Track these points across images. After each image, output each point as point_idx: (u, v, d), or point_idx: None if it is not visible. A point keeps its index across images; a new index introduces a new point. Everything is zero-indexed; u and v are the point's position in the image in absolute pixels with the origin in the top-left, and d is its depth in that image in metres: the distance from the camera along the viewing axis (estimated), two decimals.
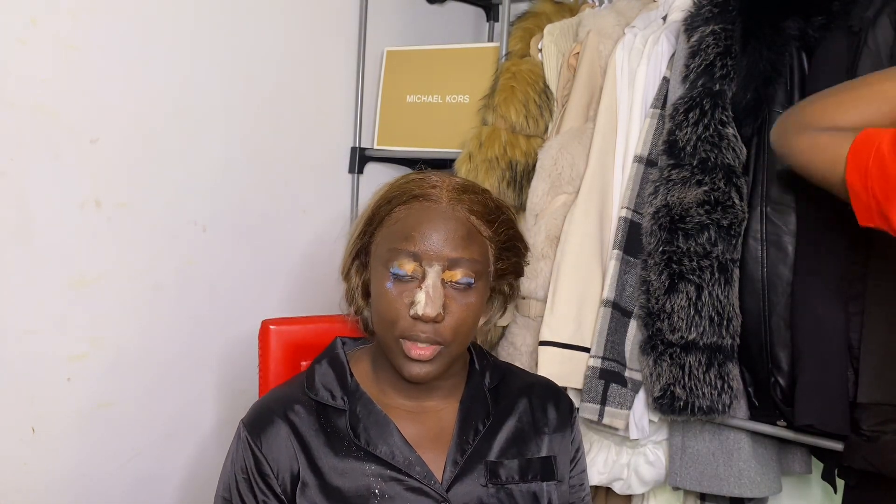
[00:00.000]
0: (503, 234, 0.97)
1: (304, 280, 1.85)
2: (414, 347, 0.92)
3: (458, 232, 0.92)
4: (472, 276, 0.92)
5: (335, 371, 1.02)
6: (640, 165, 1.44)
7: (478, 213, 0.94)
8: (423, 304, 0.89)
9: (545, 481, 1.00)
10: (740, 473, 1.39)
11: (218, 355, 1.68)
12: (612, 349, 1.42)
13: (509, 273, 1.01)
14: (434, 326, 0.91)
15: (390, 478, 0.94)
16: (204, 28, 1.58)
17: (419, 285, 0.91)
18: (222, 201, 1.65)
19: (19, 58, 1.31)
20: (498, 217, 0.97)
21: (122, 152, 1.46)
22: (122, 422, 1.52)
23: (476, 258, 0.93)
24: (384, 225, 0.96)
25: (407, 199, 0.95)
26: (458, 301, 0.92)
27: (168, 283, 1.57)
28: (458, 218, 0.93)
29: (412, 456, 0.96)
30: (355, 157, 1.93)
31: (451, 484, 0.95)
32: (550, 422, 1.05)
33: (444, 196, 0.94)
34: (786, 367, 1.31)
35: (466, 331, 0.94)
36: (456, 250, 0.91)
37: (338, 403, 0.99)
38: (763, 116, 1.33)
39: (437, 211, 0.93)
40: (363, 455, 0.95)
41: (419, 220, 0.93)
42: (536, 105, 1.62)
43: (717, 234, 1.32)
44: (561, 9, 1.75)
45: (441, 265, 0.91)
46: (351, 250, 1.01)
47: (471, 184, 0.98)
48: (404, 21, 2.05)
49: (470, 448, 0.98)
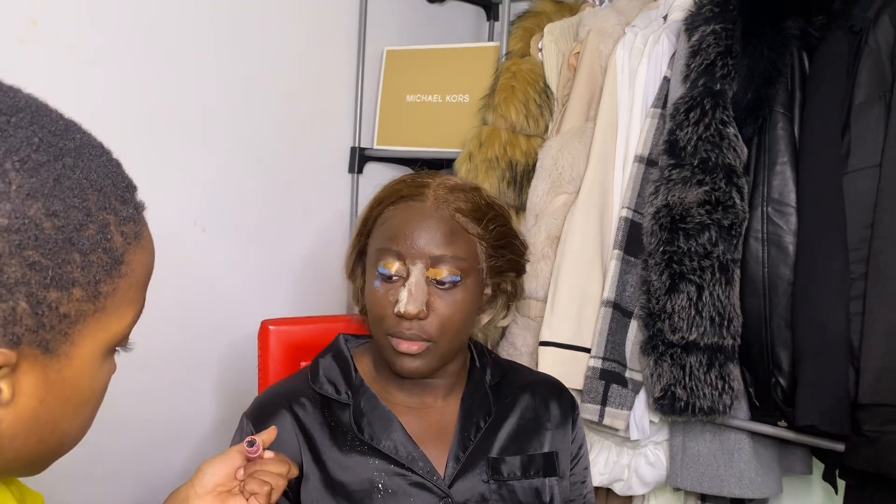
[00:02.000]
0: (494, 231, 0.98)
1: (304, 280, 1.85)
2: (401, 343, 0.93)
3: (441, 230, 0.93)
4: (457, 273, 0.93)
5: (339, 365, 1.03)
6: (641, 165, 1.44)
7: (464, 211, 0.95)
8: (404, 302, 0.91)
9: (547, 477, 1.01)
10: (741, 474, 1.38)
11: (218, 355, 1.68)
12: (613, 349, 1.42)
13: (507, 270, 1.01)
14: (419, 323, 0.93)
15: (393, 473, 0.95)
16: (204, 28, 1.58)
17: (404, 284, 0.93)
18: (222, 201, 1.65)
19: (19, 58, 1.30)
20: (487, 214, 0.97)
21: (122, 152, 1.45)
22: (121, 422, 1.52)
23: (460, 255, 0.94)
24: (376, 226, 0.98)
25: (395, 199, 0.97)
26: (443, 298, 0.93)
27: (168, 283, 1.56)
28: (442, 216, 0.94)
29: (415, 451, 0.97)
30: (355, 156, 1.93)
31: (453, 480, 0.96)
32: (552, 418, 1.06)
33: (431, 195, 0.96)
34: (787, 367, 1.31)
35: (455, 328, 0.95)
36: (439, 248, 0.93)
37: (342, 398, 1.00)
38: (764, 116, 1.33)
39: (420, 210, 0.94)
40: (366, 449, 0.96)
41: (404, 220, 0.94)
42: (536, 105, 1.62)
43: (717, 235, 1.32)
44: (561, 8, 1.75)
45: (424, 263, 0.93)
46: (352, 251, 1.03)
47: (462, 183, 0.99)
48: (404, 21, 2.05)
49: (472, 444, 0.99)
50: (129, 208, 0.52)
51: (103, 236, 0.49)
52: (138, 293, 0.54)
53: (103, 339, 0.52)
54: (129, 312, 0.53)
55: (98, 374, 0.53)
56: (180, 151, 1.56)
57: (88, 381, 0.52)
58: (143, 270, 0.54)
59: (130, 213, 0.52)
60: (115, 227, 0.50)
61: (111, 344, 0.53)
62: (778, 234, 1.32)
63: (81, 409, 0.54)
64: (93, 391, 0.54)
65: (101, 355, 0.53)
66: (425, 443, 0.98)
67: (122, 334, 0.53)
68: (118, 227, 0.50)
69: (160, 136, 1.52)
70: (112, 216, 0.50)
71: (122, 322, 0.52)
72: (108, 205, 0.50)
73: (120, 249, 0.50)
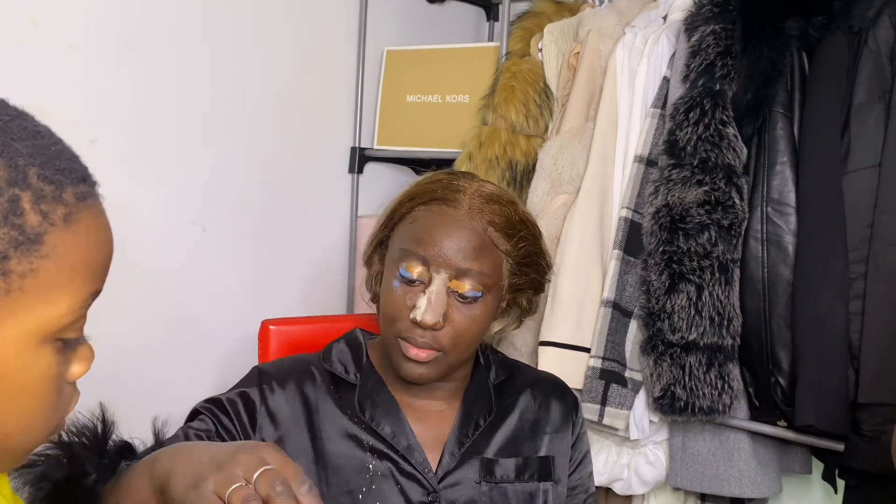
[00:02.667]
0: (523, 249, 0.95)
1: (304, 280, 1.85)
2: (411, 348, 0.91)
3: (471, 242, 0.91)
4: (479, 289, 0.91)
5: (352, 350, 1.03)
6: (641, 165, 1.44)
7: (497, 226, 0.92)
8: (422, 311, 0.89)
9: (542, 481, 1.00)
10: (741, 474, 1.38)
11: (218, 355, 1.68)
12: (613, 349, 1.42)
13: (527, 289, 0.99)
14: (433, 333, 0.91)
15: (387, 457, 0.95)
16: (204, 28, 1.58)
17: (424, 290, 0.91)
18: (222, 201, 1.65)
19: (19, 58, 1.30)
20: (519, 232, 0.94)
21: (122, 152, 1.46)
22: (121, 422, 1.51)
23: (486, 271, 0.91)
24: (403, 222, 0.96)
25: (428, 200, 0.94)
26: (461, 312, 0.91)
27: (168, 283, 1.56)
28: (475, 228, 0.91)
29: (413, 441, 0.96)
30: (355, 156, 1.93)
31: (444, 476, 0.95)
32: (553, 421, 1.05)
33: (466, 203, 0.92)
34: (786, 367, 1.31)
35: (468, 341, 0.93)
36: (466, 261, 0.90)
37: (350, 378, 0.99)
38: (763, 116, 1.33)
39: (453, 217, 0.91)
40: (365, 429, 0.96)
41: (434, 224, 0.92)
42: (536, 105, 1.62)
43: (717, 234, 1.32)
44: (561, 8, 1.75)
45: (448, 273, 0.90)
46: (373, 239, 1.01)
47: (499, 193, 0.96)
48: (404, 21, 2.05)
49: (468, 441, 0.98)
50: (60, 191, 0.51)
51: (11, 211, 0.48)
52: (72, 280, 0.52)
53: (30, 324, 0.50)
54: (62, 300, 0.52)
55: (33, 364, 0.52)
56: (180, 151, 1.56)
57: (18, 370, 0.51)
58: (77, 257, 0.52)
59: (59, 195, 0.51)
60: (29, 205, 0.49)
61: (44, 332, 0.52)
62: (778, 234, 1.32)
63: (18, 400, 0.52)
64: (30, 382, 0.52)
65: (33, 343, 0.51)
66: (423, 439, 0.98)
67: (58, 323, 0.52)
68: (35, 205, 0.49)
69: (160, 135, 1.52)
70: (26, 193, 0.49)
71: (51, 309, 0.51)
72: (21, 181, 0.49)
73: (36, 229, 0.49)
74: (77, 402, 0.59)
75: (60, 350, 0.54)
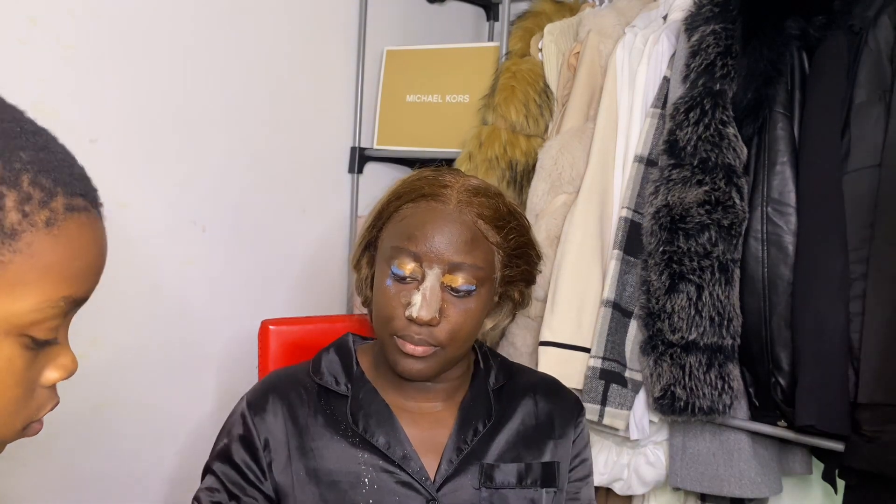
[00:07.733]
0: (513, 240, 0.95)
1: (304, 280, 1.85)
2: (408, 345, 0.91)
3: (462, 236, 0.90)
4: (473, 283, 0.91)
5: (341, 359, 1.02)
6: (641, 165, 1.44)
7: (486, 218, 0.92)
8: (417, 307, 0.89)
9: (544, 488, 0.99)
10: (741, 474, 1.38)
11: (218, 355, 1.68)
12: (613, 349, 1.42)
13: (519, 280, 0.99)
14: (429, 329, 0.90)
15: (382, 469, 0.94)
16: (204, 28, 1.58)
17: (417, 287, 0.90)
18: (222, 201, 1.65)
19: (19, 58, 1.30)
20: (508, 223, 0.94)
21: (122, 152, 1.46)
22: (121, 422, 1.52)
23: (479, 264, 0.91)
24: (392, 221, 0.95)
25: (415, 197, 0.94)
26: (456, 306, 0.91)
27: (168, 283, 1.56)
28: (465, 221, 0.91)
29: (409, 450, 0.95)
30: (355, 156, 1.93)
31: (442, 483, 0.94)
32: (556, 426, 1.04)
33: (454, 197, 0.92)
34: (786, 367, 1.31)
35: (464, 336, 0.93)
36: (458, 254, 0.90)
37: (341, 389, 0.99)
38: (764, 116, 1.33)
39: (443, 212, 0.91)
40: (358, 441, 0.95)
41: (424, 221, 0.91)
42: (536, 105, 1.62)
43: (717, 234, 1.32)
44: (561, 8, 1.75)
45: (441, 268, 0.90)
46: (360, 241, 1.00)
47: (485, 186, 0.96)
48: (404, 21, 2.05)
49: (467, 448, 0.97)
50: (49, 199, 0.52)
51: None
52: (43, 280, 0.53)
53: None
54: (30, 297, 0.52)
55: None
56: (180, 151, 1.56)
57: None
58: (52, 259, 0.53)
59: (46, 201, 0.52)
60: (12, 203, 0.50)
61: (5, 324, 0.52)
62: (778, 233, 1.32)
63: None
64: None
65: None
66: (420, 443, 0.97)
67: (21, 319, 0.52)
68: (19, 205, 0.51)
69: (160, 135, 1.52)
70: (12, 193, 0.50)
71: (17, 303, 0.52)
72: (11, 182, 0.51)
73: (14, 225, 0.51)
74: (52, 408, 0.59)
75: (28, 347, 0.54)
